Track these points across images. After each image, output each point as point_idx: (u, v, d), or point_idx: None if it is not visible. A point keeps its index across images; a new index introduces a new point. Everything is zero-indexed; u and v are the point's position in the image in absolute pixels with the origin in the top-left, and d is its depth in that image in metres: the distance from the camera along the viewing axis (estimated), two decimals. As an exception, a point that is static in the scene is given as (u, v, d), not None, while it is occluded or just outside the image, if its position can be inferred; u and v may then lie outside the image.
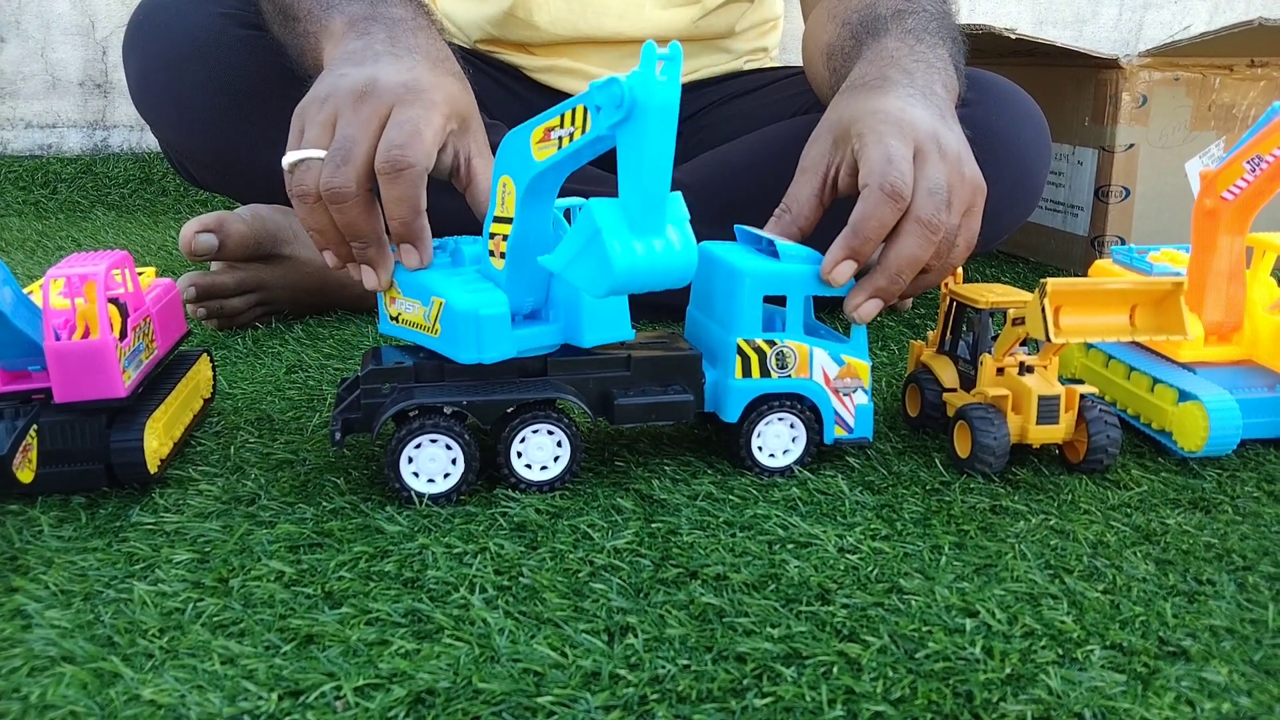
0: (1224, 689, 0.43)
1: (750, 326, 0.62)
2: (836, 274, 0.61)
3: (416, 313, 0.61)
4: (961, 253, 0.66)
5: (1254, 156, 0.66)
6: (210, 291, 0.94)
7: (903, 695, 0.42)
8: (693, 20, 1.09)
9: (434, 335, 0.60)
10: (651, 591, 0.50)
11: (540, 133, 0.55)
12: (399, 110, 0.61)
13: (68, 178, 1.77)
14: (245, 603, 0.49)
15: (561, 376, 0.62)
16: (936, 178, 0.62)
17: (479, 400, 0.60)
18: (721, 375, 0.64)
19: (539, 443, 0.61)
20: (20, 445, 0.56)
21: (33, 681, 0.43)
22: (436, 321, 0.60)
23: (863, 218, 0.61)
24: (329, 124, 0.61)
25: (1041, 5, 1.99)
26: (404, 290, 0.62)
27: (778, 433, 0.63)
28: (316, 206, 0.61)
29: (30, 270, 1.23)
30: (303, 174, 0.61)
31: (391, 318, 0.63)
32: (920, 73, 0.71)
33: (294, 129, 0.64)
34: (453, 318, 0.58)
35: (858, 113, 0.66)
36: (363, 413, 0.60)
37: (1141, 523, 0.58)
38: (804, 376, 0.63)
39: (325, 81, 0.64)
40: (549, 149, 0.54)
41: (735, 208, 0.90)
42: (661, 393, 0.63)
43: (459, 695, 0.42)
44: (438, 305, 0.59)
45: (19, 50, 1.79)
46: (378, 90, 0.61)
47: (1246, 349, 0.71)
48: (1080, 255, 1.24)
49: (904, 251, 0.61)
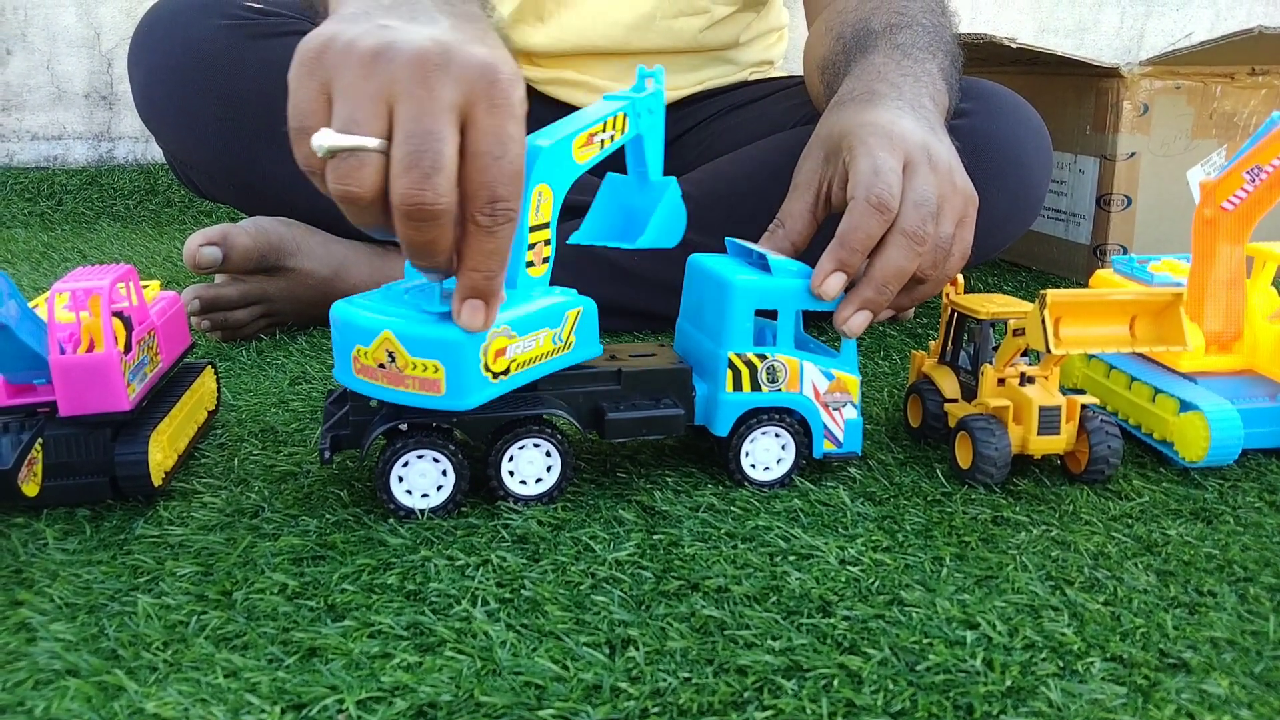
0: (1225, 701, 0.43)
1: (741, 340, 0.62)
2: (827, 286, 0.61)
3: (535, 345, 0.59)
4: (956, 263, 0.66)
5: (1253, 167, 0.66)
6: (214, 304, 0.94)
7: (903, 708, 0.42)
8: (699, 30, 1.10)
9: (567, 351, 0.61)
10: (653, 604, 0.50)
11: (584, 139, 0.60)
12: (485, 112, 0.48)
13: (73, 189, 1.78)
14: (248, 615, 0.49)
15: (552, 391, 0.62)
16: (924, 189, 0.63)
17: (469, 417, 0.59)
18: (712, 389, 0.64)
19: (529, 457, 0.61)
20: (25, 458, 0.57)
21: (37, 695, 0.43)
22: (571, 333, 0.61)
23: (849, 230, 0.61)
24: (381, 100, 0.48)
25: (1043, 13, 2.00)
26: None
27: (766, 446, 0.63)
28: (370, 209, 0.49)
29: (36, 282, 1.24)
30: (353, 169, 0.48)
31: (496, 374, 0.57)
32: (908, 86, 0.72)
33: (309, 88, 0.49)
34: (590, 318, 0.61)
35: (848, 126, 0.67)
36: (351, 429, 0.60)
37: (1143, 533, 0.58)
38: (794, 391, 0.63)
39: (359, 27, 0.49)
40: (591, 151, 0.61)
41: (737, 217, 0.91)
42: (652, 407, 0.63)
43: (461, 708, 0.42)
44: (574, 315, 0.60)
45: (25, 63, 1.80)
46: (452, 64, 0.48)
47: (1247, 359, 0.71)
48: (1082, 264, 1.24)
49: (889, 263, 0.62)
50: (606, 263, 0.98)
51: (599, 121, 0.61)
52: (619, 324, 1.00)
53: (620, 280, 0.98)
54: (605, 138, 0.61)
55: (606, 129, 0.61)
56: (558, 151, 0.58)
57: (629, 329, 1.00)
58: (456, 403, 0.56)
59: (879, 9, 0.84)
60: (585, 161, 0.60)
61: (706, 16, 1.09)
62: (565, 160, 0.59)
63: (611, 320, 1.00)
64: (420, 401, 0.56)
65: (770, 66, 1.23)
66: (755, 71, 1.20)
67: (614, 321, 1.00)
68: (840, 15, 0.88)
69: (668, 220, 0.67)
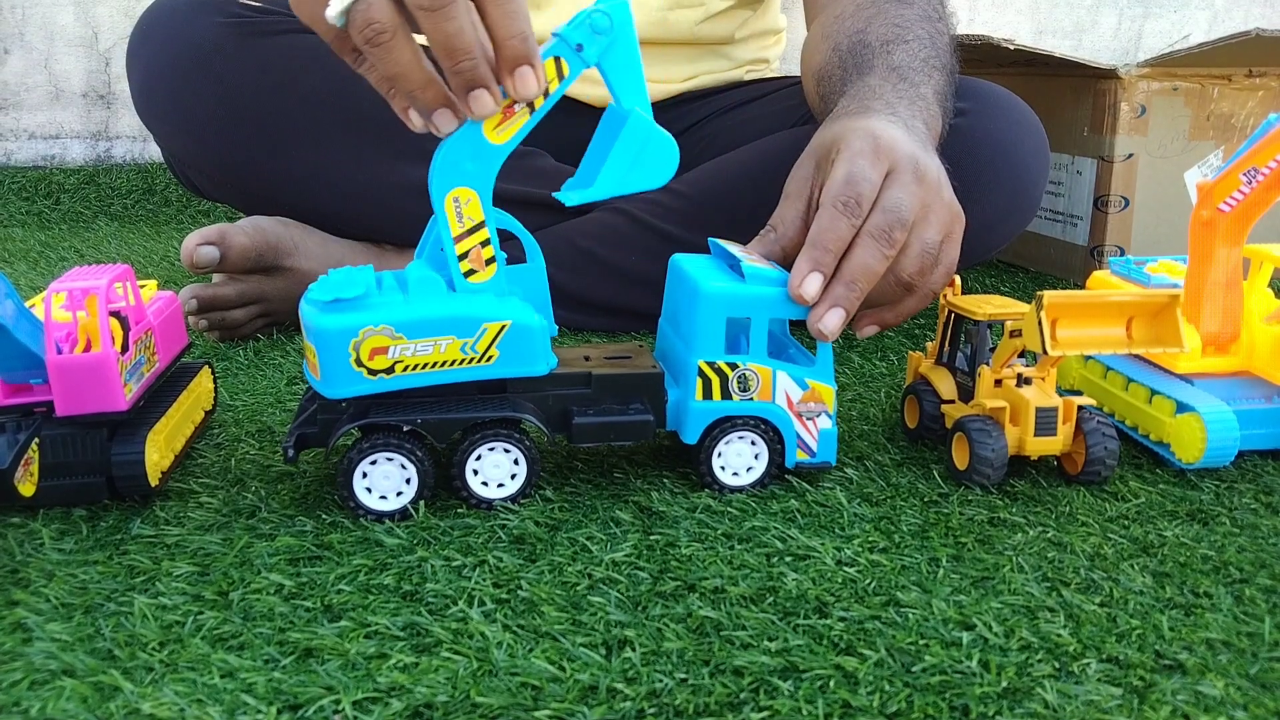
0: (1220, 703, 0.43)
1: (712, 348, 0.62)
2: (805, 287, 0.61)
3: (434, 350, 0.58)
4: (941, 278, 0.67)
5: (1250, 168, 0.66)
6: (212, 303, 0.94)
7: (899, 709, 0.42)
8: (696, 23, 1.10)
9: (488, 364, 0.59)
10: (649, 604, 0.50)
11: (498, 115, 0.56)
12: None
13: (71, 188, 1.78)
14: (245, 616, 0.49)
15: (521, 394, 0.61)
16: (900, 196, 0.63)
17: (434, 418, 0.59)
18: (683, 395, 0.63)
19: (495, 460, 0.60)
20: (22, 458, 0.57)
21: (33, 695, 0.43)
22: (492, 347, 0.59)
23: (818, 231, 0.62)
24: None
25: (1041, 15, 2.00)
26: (409, 334, 0.58)
27: (739, 451, 0.63)
28: (394, 44, 0.52)
29: (34, 281, 1.24)
30: (364, 10, 0.51)
31: (374, 371, 0.58)
32: (903, 107, 0.73)
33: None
34: (522, 335, 0.59)
35: (839, 134, 0.68)
36: (319, 428, 0.60)
37: (1139, 535, 0.58)
38: (766, 400, 0.63)
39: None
40: (516, 124, 0.56)
41: (735, 218, 0.91)
42: (621, 412, 0.62)
43: (457, 709, 0.42)
44: (495, 329, 0.58)
45: (22, 62, 1.80)
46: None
47: (1244, 360, 0.71)
48: (1080, 265, 1.24)
49: (855, 261, 0.62)
50: (606, 263, 0.98)
51: None
52: (618, 324, 1.00)
53: (620, 280, 0.98)
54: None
55: None
56: (454, 150, 0.56)
57: (628, 329, 1.00)
58: (327, 390, 0.58)
59: (875, 18, 0.84)
60: (511, 137, 0.56)
61: (702, 9, 1.10)
62: (475, 152, 0.56)
63: (611, 320, 1.00)
64: (313, 382, 0.59)
65: (766, 66, 1.23)
66: (751, 70, 1.20)
67: (613, 321, 1.00)
68: (837, 23, 0.88)
69: (634, 159, 0.59)
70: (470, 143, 0.57)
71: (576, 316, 1.00)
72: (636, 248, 0.97)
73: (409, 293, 0.59)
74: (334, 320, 0.57)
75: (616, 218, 0.99)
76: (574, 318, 1.00)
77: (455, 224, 0.58)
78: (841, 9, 0.90)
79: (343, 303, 0.57)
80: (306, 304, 0.59)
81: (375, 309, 0.57)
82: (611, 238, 0.98)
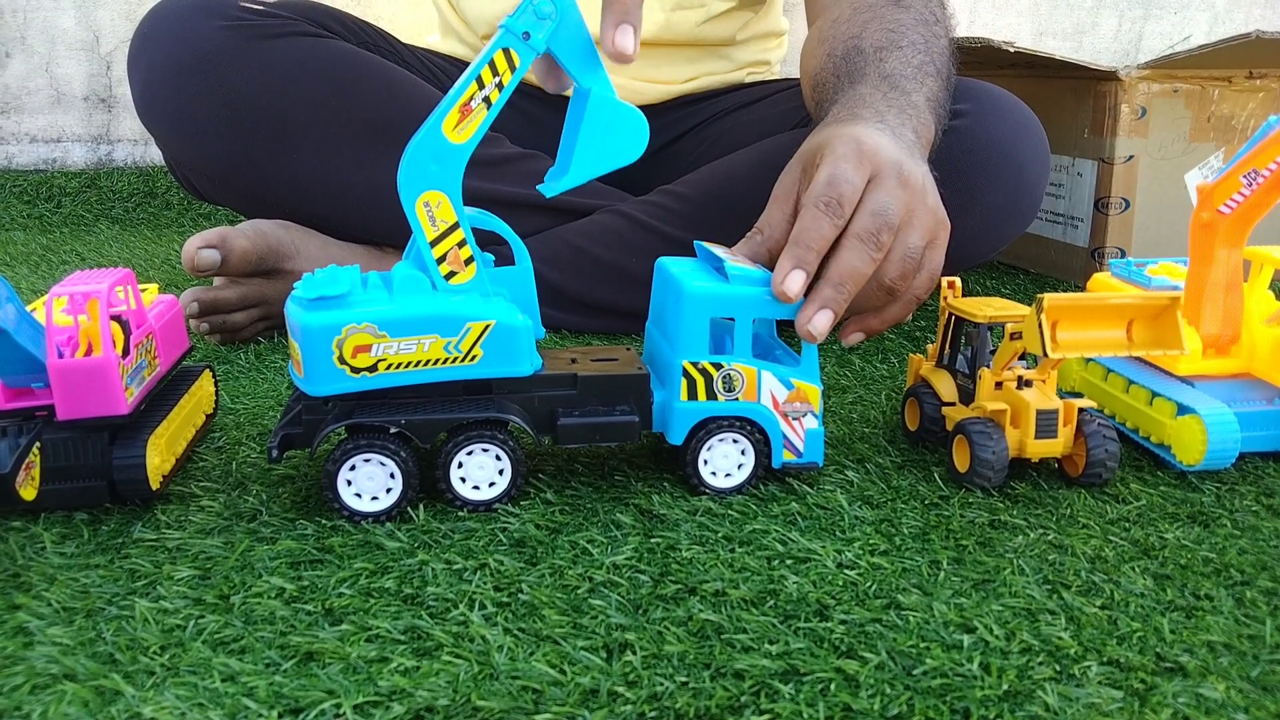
0: (1221, 705, 0.43)
1: (696, 349, 0.62)
2: (788, 284, 0.61)
3: (418, 349, 0.58)
4: (925, 284, 0.67)
5: (1250, 170, 0.66)
6: (213, 307, 0.94)
7: (900, 712, 0.42)
8: (697, 24, 1.10)
9: (471, 363, 0.59)
10: (650, 608, 0.50)
11: (455, 114, 0.57)
12: None
13: (72, 192, 1.78)
14: (246, 619, 0.49)
15: (506, 395, 0.61)
16: (884, 199, 0.64)
17: (418, 419, 0.59)
18: (669, 396, 0.63)
19: (480, 461, 0.60)
20: (23, 462, 0.57)
21: (34, 699, 0.43)
22: (476, 346, 0.59)
23: (800, 230, 0.62)
24: None
25: (1041, 16, 2.00)
26: (392, 332, 0.58)
27: (725, 453, 0.63)
28: None
29: (35, 284, 1.24)
30: None
31: (357, 369, 0.58)
32: (892, 116, 0.73)
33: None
34: (506, 335, 0.59)
35: (825, 139, 0.68)
36: (304, 429, 0.60)
37: (1140, 537, 0.58)
38: (751, 400, 0.63)
39: None
40: (474, 121, 0.57)
41: (736, 220, 0.90)
42: (607, 413, 0.62)
43: (458, 713, 0.42)
44: (479, 329, 0.59)
45: (24, 65, 1.80)
46: None
47: (1245, 362, 0.71)
48: (1080, 267, 1.24)
49: (842, 263, 0.62)
50: (606, 264, 0.98)
51: (469, 83, 0.57)
52: (619, 326, 1.00)
53: (621, 282, 0.98)
54: (488, 93, 0.57)
55: (484, 84, 0.57)
56: (419, 153, 0.57)
57: (628, 331, 1.00)
58: (310, 387, 0.58)
59: (871, 23, 0.84)
60: (471, 136, 0.57)
61: (704, 11, 1.10)
62: (438, 154, 0.57)
63: (611, 322, 1.00)
64: (297, 380, 0.59)
65: (766, 68, 1.23)
66: (751, 72, 1.20)
67: (614, 323, 1.00)
68: (834, 26, 0.88)
69: (603, 138, 0.59)
70: (431, 145, 0.57)
71: (577, 318, 1.00)
72: (637, 249, 0.97)
73: (393, 291, 0.59)
74: (317, 317, 0.57)
75: (617, 219, 0.99)
76: (574, 319, 1.00)
77: (429, 228, 0.58)
78: (839, 13, 0.90)
79: (326, 300, 0.57)
80: (291, 302, 0.59)
81: (359, 307, 0.58)
82: (612, 239, 0.98)
